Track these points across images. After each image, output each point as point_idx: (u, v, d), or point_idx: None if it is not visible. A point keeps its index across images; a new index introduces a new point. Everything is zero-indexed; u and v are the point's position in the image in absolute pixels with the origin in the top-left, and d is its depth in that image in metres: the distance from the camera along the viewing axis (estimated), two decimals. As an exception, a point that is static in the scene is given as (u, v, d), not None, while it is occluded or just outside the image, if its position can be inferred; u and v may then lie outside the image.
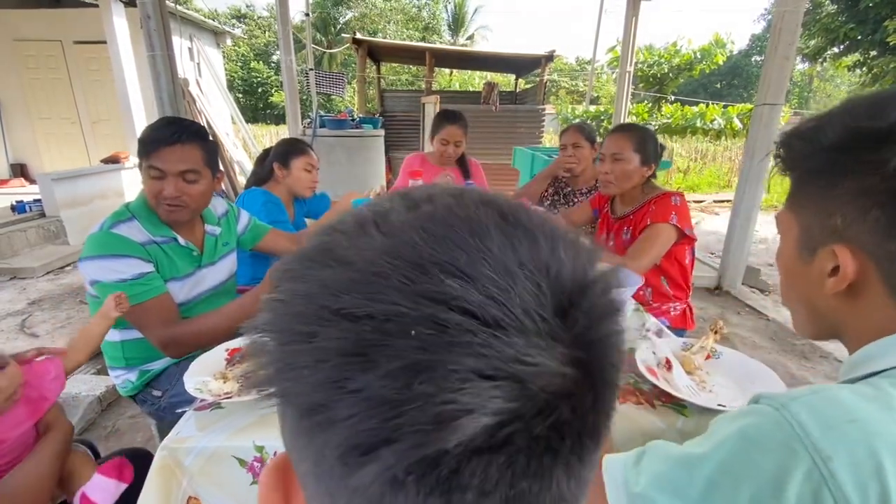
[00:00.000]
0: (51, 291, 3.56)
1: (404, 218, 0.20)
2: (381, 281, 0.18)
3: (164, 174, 1.15)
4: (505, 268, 0.18)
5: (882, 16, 6.34)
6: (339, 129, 4.78)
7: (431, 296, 0.17)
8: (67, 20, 6.16)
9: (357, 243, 0.20)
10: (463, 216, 0.20)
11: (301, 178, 1.95)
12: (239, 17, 28.65)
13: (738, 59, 29.70)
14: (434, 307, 0.17)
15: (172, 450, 0.73)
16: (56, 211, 4.64)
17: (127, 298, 1.01)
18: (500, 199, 0.22)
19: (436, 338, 0.17)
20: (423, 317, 0.17)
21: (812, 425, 0.38)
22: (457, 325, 0.17)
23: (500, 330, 0.17)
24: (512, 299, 0.17)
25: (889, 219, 0.44)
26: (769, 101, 3.23)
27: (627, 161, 1.55)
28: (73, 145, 6.71)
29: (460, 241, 0.18)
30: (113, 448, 1.90)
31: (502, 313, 0.17)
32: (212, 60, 7.45)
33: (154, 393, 1.27)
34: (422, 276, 0.18)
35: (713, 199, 8.38)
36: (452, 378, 0.16)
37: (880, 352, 0.44)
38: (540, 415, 0.17)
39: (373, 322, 0.17)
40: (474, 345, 0.16)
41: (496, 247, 0.19)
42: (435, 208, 0.21)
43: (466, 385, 0.16)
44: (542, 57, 7.35)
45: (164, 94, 3.12)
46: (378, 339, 0.17)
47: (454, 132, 2.45)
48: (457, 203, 0.21)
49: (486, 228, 0.19)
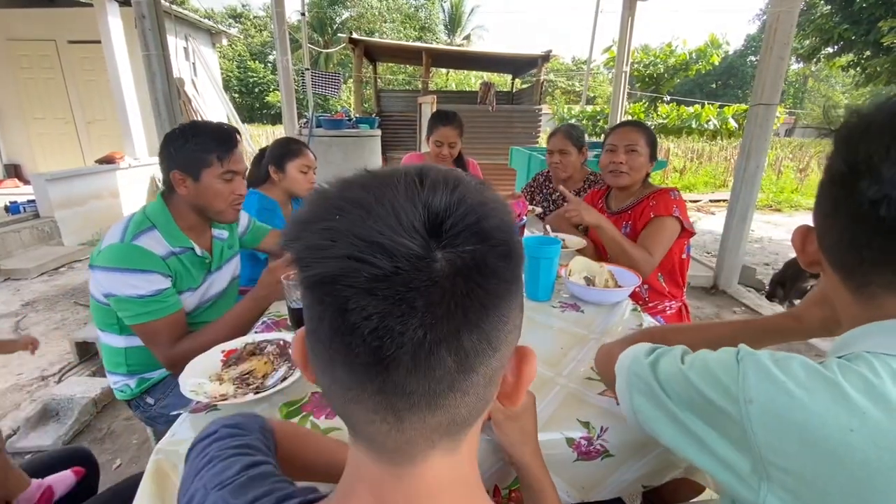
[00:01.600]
0: (45, 293, 3.54)
1: (363, 179, 0.33)
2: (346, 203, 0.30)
3: (235, 175, 1.23)
4: (402, 195, 0.30)
5: (876, 16, 6.38)
6: (335, 129, 4.76)
7: (361, 205, 0.30)
8: (61, 20, 6.12)
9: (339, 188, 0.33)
10: (394, 174, 0.32)
11: (297, 179, 1.93)
12: (235, 16, 28.57)
13: (734, 59, 29.83)
14: (360, 209, 0.29)
15: (168, 452, 0.72)
16: (50, 211, 4.61)
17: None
18: (428, 167, 0.33)
19: (358, 223, 0.29)
20: (353, 215, 0.29)
21: (752, 377, 0.47)
22: (364, 217, 0.29)
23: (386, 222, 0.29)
24: (399, 204, 0.29)
25: (820, 198, 0.52)
26: (764, 101, 3.24)
27: (640, 153, 1.59)
28: (67, 145, 6.67)
29: (384, 186, 0.31)
30: (108, 451, 1.89)
31: (393, 218, 0.29)
32: (207, 60, 7.42)
33: (148, 400, 1.27)
34: (364, 198, 0.30)
35: (709, 199, 8.41)
36: (353, 243, 0.28)
37: (849, 340, 0.51)
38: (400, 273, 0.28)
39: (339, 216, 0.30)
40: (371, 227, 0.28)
41: (402, 187, 0.30)
42: (380, 173, 0.33)
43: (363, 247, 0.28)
44: (539, 57, 7.37)
45: (160, 95, 3.10)
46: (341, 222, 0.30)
47: (448, 133, 2.44)
48: (394, 170, 0.33)
49: (399, 182, 0.31)
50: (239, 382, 0.84)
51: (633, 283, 1.29)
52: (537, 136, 6.80)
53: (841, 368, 0.45)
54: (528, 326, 1.16)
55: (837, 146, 0.50)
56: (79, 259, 4.31)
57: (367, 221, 0.28)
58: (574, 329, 1.15)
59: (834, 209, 0.50)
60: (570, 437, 0.78)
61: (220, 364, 0.91)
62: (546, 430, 0.79)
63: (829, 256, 0.53)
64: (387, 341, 0.28)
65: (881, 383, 0.43)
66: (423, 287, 0.28)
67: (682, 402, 0.53)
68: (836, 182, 0.50)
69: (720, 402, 0.48)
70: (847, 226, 0.49)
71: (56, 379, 2.31)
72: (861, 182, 0.46)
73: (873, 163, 0.45)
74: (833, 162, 0.50)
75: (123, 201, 5.48)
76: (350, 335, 0.29)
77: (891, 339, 0.47)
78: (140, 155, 5.90)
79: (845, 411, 0.42)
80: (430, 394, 0.30)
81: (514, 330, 0.34)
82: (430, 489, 0.34)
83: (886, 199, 0.44)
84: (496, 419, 0.70)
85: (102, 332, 1.24)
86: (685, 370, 0.54)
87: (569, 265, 1.36)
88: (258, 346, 0.96)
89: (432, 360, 0.29)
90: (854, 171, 0.47)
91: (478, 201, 0.31)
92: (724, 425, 0.48)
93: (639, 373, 0.60)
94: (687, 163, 11.45)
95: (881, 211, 0.44)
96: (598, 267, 1.35)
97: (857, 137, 0.48)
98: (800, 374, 0.46)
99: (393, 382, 0.30)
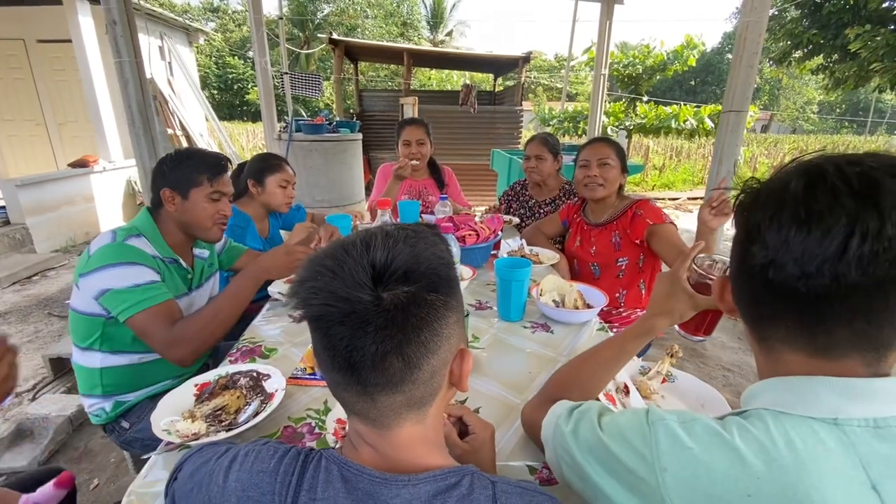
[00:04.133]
0: (17, 303, 3.46)
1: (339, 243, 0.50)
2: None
3: (222, 196, 1.33)
4: (356, 258, 0.47)
5: (843, 21, 6.58)
6: (315, 133, 4.72)
7: (331, 270, 0.47)
8: (30, 18, 5.92)
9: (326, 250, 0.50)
10: (351, 244, 0.48)
11: (276, 194, 1.94)
12: (213, 10, 27.93)
13: (711, 57, 30.36)
14: (330, 273, 0.46)
15: (140, 494, 0.74)
16: (21, 218, 4.48)
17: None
18: (373, 234, 0.49)
19: (329, 283, 0.46)
20: (326, 277, 0.46)
21: (663, 443, 0.50)
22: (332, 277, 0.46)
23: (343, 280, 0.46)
24: (352, 268, 0.46)
25: (732, 257, 0.56)
26: (735, 108, 3.33)
27: (612, 166, 1.73)
28: (38, 148, 6.47)
29: (344, 254, 0.47)
30: (86, 470, 1.88)
31: (349, 274, 0.46)
32: (184, 59, 7.27)
33: (123, 424, 1.27)
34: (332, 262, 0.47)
35: (687, 197, 8.60)
36: (328, 296, 0.46)
37: (752, 394, 0.54)
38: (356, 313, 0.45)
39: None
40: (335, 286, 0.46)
41: (356, 251, 0.47)
42: (344, 242, 0.50)
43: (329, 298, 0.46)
44: (520, 58, 7.40)
45: (133, 102, 3.04)
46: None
47: (413, 131, 2.47)
48: (351, 240, 0.49)
49: (354, 249, 0.48)
50: (211, 419, 0.85)
51: (602, 303, 1.34)
52: (519, 137, 6.85)
53: (739, 430, 0.48)
54: (500, 349, 1.20)
55: (737, 212, 0.54)
56: (52, 267, 4.21)
57: (335, 282, 0.45)
58: (543, 351, 1.19)
59: (738, 268, 0.54)
60: (532, 466, 0.81)
61: (193, 399, 0.92)
62: (510, 459, 0.82)
63: (738, 308, 0.56)
64: (354, 353, 0.46)
65: (773, 447, 0.45)
66: (373, 318, 0.45)
67: (604, 469, 0.55)
68: (736, 244, 0.54)
69: (639, 471, 0.51)
70: (745, 283, 0.53)
71: (30, 397, 2.27)
72: (753, 247, 0.49)
73: (760, 230, 0.48)
74: (736, 226, 0.55)
75: (98, 206, 5.35)
76: (332, 350, 0.47)
77: (787, 396, 0.49)
78: (115, 158, 5.76)
79: (743, 476, 0.45)
80: (389, 384, 0.48)
81: (452, 336, 0.51)
82: (403, 443, 0.51)
83: (773, 264, 0.47)
84: (456, 455, 0.73)
85: (79, 351, 1.25)
86: (603, 437, 0.56)
87: (540, 284, 1.40)
88: (231, 378, 0.98)
89: (385, 364, 0.46)
90: (748, 237, 0.51)
91: (409, 254, 0.47)
92: (644, 493, 0.50)
93: (563, 445, 0.62)
94: (666, 160, 11.66)
95: (769, 274, 0.48)
96: (568, 286, 1.39)
97: (749, 205, 0.52)
98: (703, 439, 0.48)
99: (363, 378, 0.47)
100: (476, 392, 1.01)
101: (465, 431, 0.76)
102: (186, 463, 0.57)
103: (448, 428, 0.75)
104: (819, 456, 0.44)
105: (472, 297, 1.50)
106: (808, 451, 0.44)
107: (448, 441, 0.74)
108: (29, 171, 5.62)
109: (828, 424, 0.46)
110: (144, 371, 1.29)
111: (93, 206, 5.29)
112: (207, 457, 0.55)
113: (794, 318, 0.49)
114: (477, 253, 1.68)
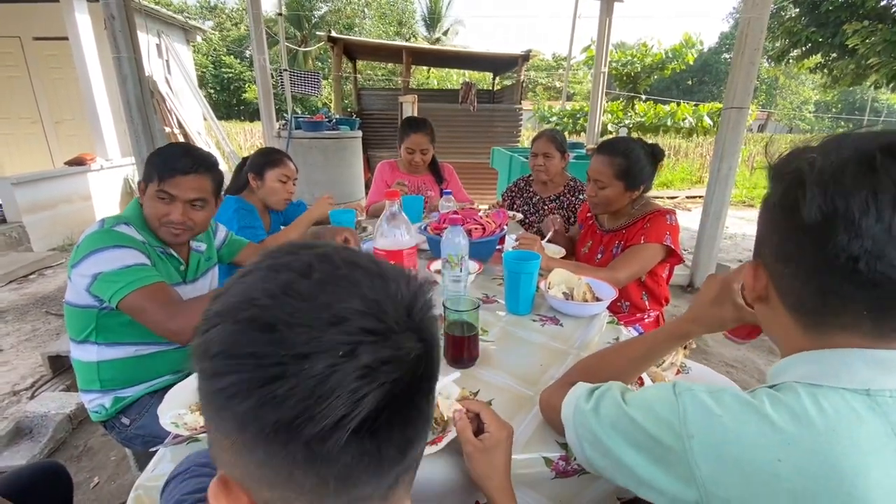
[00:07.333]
0: (14, 302, 3.42)
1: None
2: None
3: (173, 199, 1.22)
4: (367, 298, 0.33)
5: (841, 19, 6.59)
6: (315, 131, 4.70)
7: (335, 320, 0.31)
8: (26, 15, 5.88)
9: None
10: (347, 274, 0.34)
11: (275, 188, 1.92)
12: (210, 8, 27.82)
13: (709, 57, 30.43)
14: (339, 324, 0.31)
15: (148, 488, 0.72)
16: (18, 216, 4.45)
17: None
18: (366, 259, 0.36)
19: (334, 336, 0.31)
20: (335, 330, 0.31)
21: (691, 412, 0.50)
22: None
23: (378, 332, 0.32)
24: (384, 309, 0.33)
25: (781, 240, 0.51)
26: (736, 105, 3.33)
27: (609, 188, 1.58)
28: (34, 146, 6.42)
29: (349, 284, 0.33)
30: (86, 468, 1.85)
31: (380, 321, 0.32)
32: (181, 58, 7.23)
33: (123, 420, 1.25)
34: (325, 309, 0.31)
35: (686, 196, 8.61)
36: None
37: (781, 369, 0.52)
38: (409, 363, 0.32)
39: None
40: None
41: (365, 285, 0.33)
42: (335, 265, 0.34)
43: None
44: (519, 57, 7.39)
45: (132, 98, 3.01)
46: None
47: (418, 140, 2.47)
48: (344, 262, 0.35)
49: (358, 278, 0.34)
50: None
51: (611, 296, 1.33)
52: (518, 136, 6.84)
53: (770, 399, 0.47)
54: (510, 341, 1.18)
55: (802, 188, 0.46)
56: (49, 265, 4.18)
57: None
58: (553, 344, 1.17)
59: (800, 255, 0.48)
60: (548, 458, 0.80)
61: (201, 392, 0.90)
62: (525, 451, 0.81)
63: (784, 296, 0.52)
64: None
65: (805, 414, 0.45)
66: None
67: (627, 442, 0.54)
68: (806, 229, 0.46)
69: (666, 439, 0.50)
70: (814, 272, 0.47)
71: (29, 395, 2.25)
72: (839, 235, 0.44)
73: (854, 217, 0.43)
74: (786, 201, 0.48)
75: (95, 204, 5.32)
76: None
77: (819, 369, 0.48)
78: (112, 156, 5.73)
79: (773, 442, 0.44)
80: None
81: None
82: None
83: (868, 254, 0.43)
84: (467, 451, 0.71)
85: (76, 345, 1.23)
86: (628, 410, 0.56)
87: (548, 278, 1.39)
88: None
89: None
90: (830, 223, 0.44)
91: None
92: (670, 461, 0.50)
93: (584, 423, 0.61)
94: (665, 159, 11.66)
95: (860, 265, 0.43)
96: (577, 280, 1.38)
97: (830, 185, 0.44)
98: (733, 407, 0.48)
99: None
100: (488, 384, 0.99)
101: (482, 429, 0.74)
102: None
103: (464, 423, 0.73)
104: (851, 423, 0.43)
105: (479, 291, 1.48)
106: (841, 418, 0.44)
107: (461, 436, 0.72)
108: (25, 169, 5.57)
109: (860, 395, 0.45)
110: (142, 364, 1.27)
111: (90, 205, 5.26)
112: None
113: (870, 305, 0.45)
114: (483, 247, 1.67)
